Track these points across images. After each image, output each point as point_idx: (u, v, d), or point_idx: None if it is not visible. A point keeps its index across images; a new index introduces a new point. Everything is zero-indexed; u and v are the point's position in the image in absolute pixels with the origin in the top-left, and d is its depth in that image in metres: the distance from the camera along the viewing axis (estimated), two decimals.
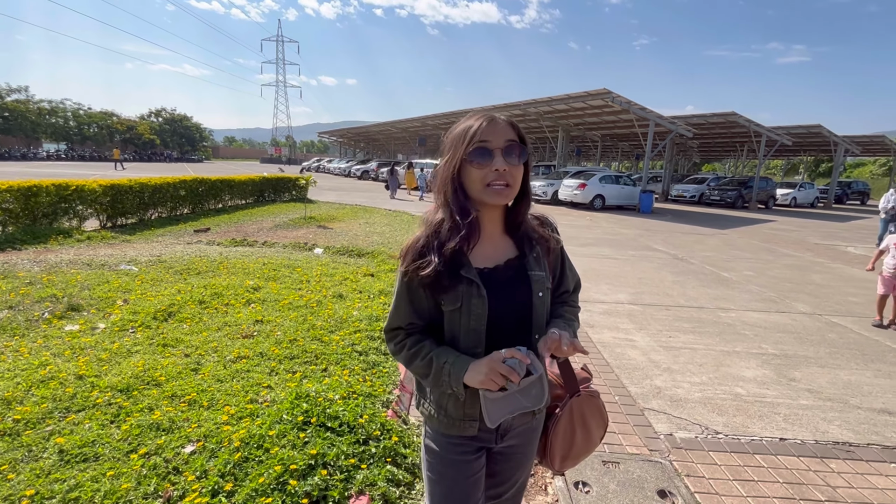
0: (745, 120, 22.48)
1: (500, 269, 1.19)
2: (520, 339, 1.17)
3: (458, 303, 1.13)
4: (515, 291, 1.18)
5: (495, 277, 1.17)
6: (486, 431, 1.22)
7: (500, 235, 1.22)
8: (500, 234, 1.22)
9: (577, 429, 1.33)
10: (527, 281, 1.19)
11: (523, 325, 1.19)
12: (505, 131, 1.10)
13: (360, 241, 8.58)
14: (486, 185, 1.09)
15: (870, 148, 33.38)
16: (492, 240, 1.21)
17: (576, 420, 1.32)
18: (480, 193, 1.11)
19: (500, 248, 1.21)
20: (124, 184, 9.26)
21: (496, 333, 1.16)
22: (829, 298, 6.47)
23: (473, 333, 1.14)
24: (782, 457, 2.76)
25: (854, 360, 4.26)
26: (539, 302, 1.19)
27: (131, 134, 70.46)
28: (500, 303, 1.15)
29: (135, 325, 3.76)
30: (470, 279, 1.13)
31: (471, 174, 1.10)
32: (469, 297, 1.13)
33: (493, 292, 1.14)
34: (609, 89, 18.09)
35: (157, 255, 6.36)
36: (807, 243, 12.08)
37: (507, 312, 1.16)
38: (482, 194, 1.10)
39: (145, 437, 2.35)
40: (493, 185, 1.09)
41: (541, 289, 1.19)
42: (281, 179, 16.12)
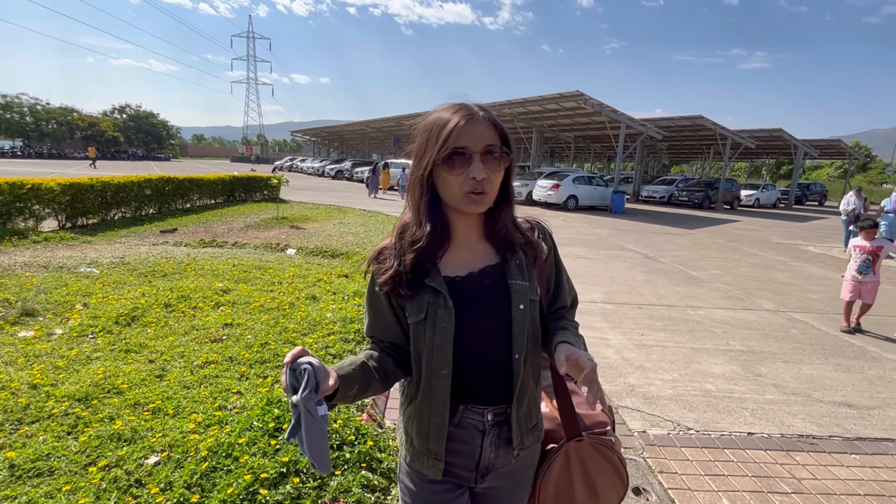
0: (711, 123, 23.19)
1: (473, 277, 1.03)
2: (497, 359, 1.03)
3: (421, 314, 0.99)
4: (491, 302, 1.02)
5: (466, 286, 1.02)
6: (464, 469, 1.07)
7: (477, 240, 1.07)
8: (479, 239, 1.07)
9: (577, 483, 1.12)
10: (506, 290, 1.02)
11: (501, 343, 1.02)
12: (486, 132, 0.95)
13: (334, 241, 8.45)
14: (464, 194, 0.95)
15: (827, 151, 34.93)
16: (468, 245, 1.06)
17: (574, 471, 1.11)
18: (456, 201, 0.97)
19: (477, 254, 1.06)
20: (85, 182, 8.87)
21: (467, 352, 1.01)
22: (791, 296, 6.71)
23: (438, 351, 0.99)
24: (750, 451, 2.83)
25: (816, 356, 4.42)
26: (520, 315, 1.01)
27: (94, 131, 67.85)
28: (472, 316, 1.00)
29: (95, 330, 3.59)
30: (435, 289, 0.99)
31: (445, 180, 0.96)
32: (434, 308, 0.99)
33: (462, 303, 1.00)
34: (582, 91, 18.37)
35: (121, 257, 6.11)
36: (770, 243, 12.53)
37: (480, 327, 1.01)
38: (458, 202, 0.97)
39: (105, 449, 2.23)
40: (470, 195, 0.95)
41: (522, 300, 1.02)
42: (252, 179, 15.77)
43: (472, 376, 1.03)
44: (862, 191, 11.41)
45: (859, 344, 4.79)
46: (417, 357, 1.03)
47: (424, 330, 1.00)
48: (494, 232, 1.05)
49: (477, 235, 1.07)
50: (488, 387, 1.04)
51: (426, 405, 1.03)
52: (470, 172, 0.93)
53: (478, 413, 1.04)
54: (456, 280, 1.02)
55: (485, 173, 0.93)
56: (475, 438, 1.05)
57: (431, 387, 1.01)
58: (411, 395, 1.08)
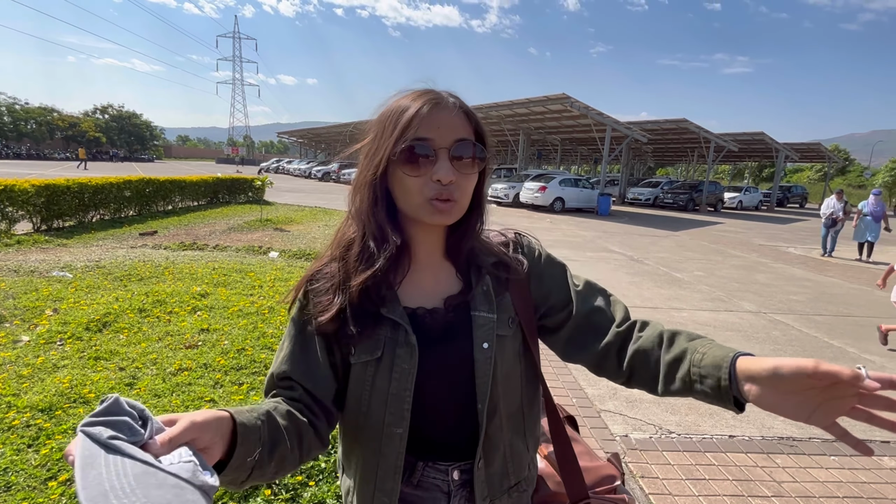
0: (695, 126, 23.50)
1: (439, 311, 0.83)
2: (463, 408, 0.82)
3: (377, 351, 0.78)
4: (452, 340, 0.82)
5: (432, 322, 0.82)
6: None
7: (440, 261, 0.86)
8: (441, 259, 0.87)
9: None
10: (468, 325, 0.82)
11: (466, 389, 0.81)
12: (456, 123, 0.75)
13: (318, 243, 8.35)
14: (427, 200, 0.75)
15: (807, 154, 35.62)
16: (430, 267, 0.85)
17: None
18: (416, 210, 0.77)
19: (440, 279, 0.86)
20: (61, 184, 8.65)
21: (429, 400, 0.80)
22: (772, 297, 6.78)
23: (393, 402, 0.77)
24: (731, 454, 2.82)
25: (796, 357, 4.44)
26: (483, 356, 0.80)
27: (74, 131, 66.57)
28: (432, 358, 0.80)
29: (64, 336, 3.47)
30: (394, 321, 0.79)
31: (403, 182, 0.75)
32: (392, 346, 0.78)
33: (425, 343, 0.79)
34: (568, 94, 18.48)
35: (96, 260, 5.95)
36: (752, 244, 12.70)
37: (439, 372, 0.81)
38: (418, 211, 0.76)
39: (67, 462, 2.14)
40: (434, 202, 0.75)
41: (486, 336, 0.81)
42: (236, 180, 15.55)
43: (433, 427, 0.83)
44: (844, 193, 11.34)
45: (839, 345, 4.85)
46: (357, 409, 0.80)
47: (375, 373, 0.78)
48: (457, 249, 0.85)
49: (440, 254, 0.86)
50: (454, 440, 0.84)
51: (370, 472, 0.80)
52: (434, 173, 0.73)
53: (441, 471, 0.84)
54: (418, 312, 0.82)
55: (452, 175, 0.73)
56: (439, 502, 0.85)
57: (380, 451, 0.79)
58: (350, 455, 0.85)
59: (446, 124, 0.74)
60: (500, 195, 20.53)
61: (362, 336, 0.78)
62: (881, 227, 10.63)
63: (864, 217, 10.51)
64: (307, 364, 0.79)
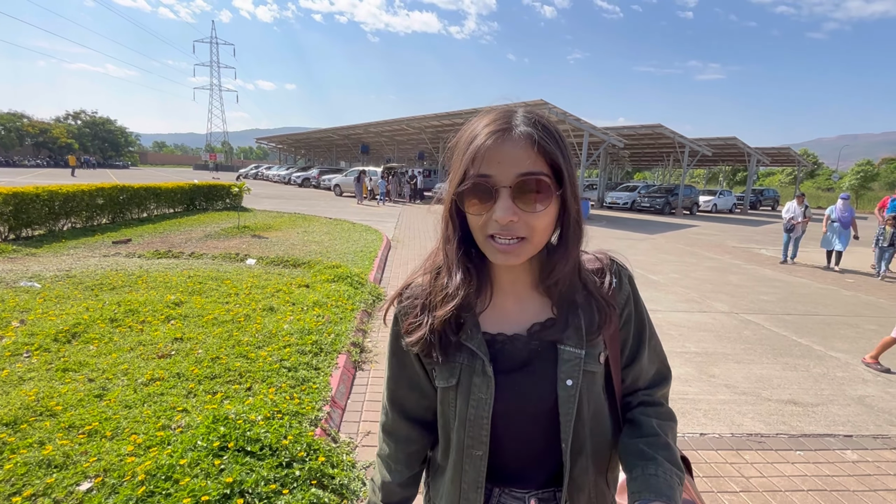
0: (670, 131, 24.01)
1: (520, 338, 0.81)
2: (543, 443, 0.81)
3: (453, 379, 0.80)
4: (534, 373, 0.80)
5: (512, 350, 0.80)
6: None
7: (527, 289, 0.83)
8: (529, 288, 0.83)
9: None
10: (553, 359, 0.79)
11: (547, 424, 0.80)
12: (520, 156, 0.69)
13: (296, 250, 8.28)
14: (488, 237, 0.72)
15: (777, 158, 36.69)
16: (514, 294, 0.83)
17: None
18: (483, 247, 0.75)
19: (526, 306, 0.82)
20: (30, 192, 8.41)
21: (508, 430, 0.80)
22: (744, 297, 6.96)
23: (472, 426, 0.79)
24: (703, 451, 2.89)
25: (766, 355, 4.58)
26: (567, 395, 0.78)
27: (45, 137, 64.75)
28: (516, 388, 0.79)
29: (31, 348, 3.37)
30: (471, 350, 0.79)
31: (468, 219, 0.74)
32: (469, 374, 0.79)
33: (504, 371, 0.79)
34: (546, 100, 18.71)
35: (66, 270, 5.80)
36: (726, 246, 13.01)
37: (518, 402, 0.79)
38: (484, 249, 0.74)
39: (33, 477, 2.08)
40: (497, 241, 0.71)
41: (572, 373, 0.78)
42: (214, 187, 15.32)
43: (511, 456, 0.83)
44: (805, 198, 10.61)
45: (806, 343, 5.00)
46: (446, 427, 0.84)
47: (455, 398, 0.80)
48: (548, 284, 0.80)
49: (527, 283, 0.83)
50: (534, 471, 0.84)
51: (455, 487, 0.83)
52: (493, 213, 0.69)
53: (517, 498, 0.84)
54: (498, 339, 0.81)
55: (512, 215, 0.68)
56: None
57: (462, 468, 0.81)
58: (439, 464, 0.90)
59: (509, 159, 0.69)
60: None
61: (442, 361, 0.80)
62: (850, 234, 9.72)
63: (832, 223, 9.69)
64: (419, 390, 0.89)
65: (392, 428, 0.93)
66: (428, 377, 0.87)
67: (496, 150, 0.69)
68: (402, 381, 0.90)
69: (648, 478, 0.75)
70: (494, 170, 0.69)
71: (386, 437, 0.94)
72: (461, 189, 0.71)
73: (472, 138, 0.72)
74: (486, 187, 0.69)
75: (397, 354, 0.88)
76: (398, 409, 0.92)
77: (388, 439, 0.93)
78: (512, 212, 0.68)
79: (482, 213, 0.71)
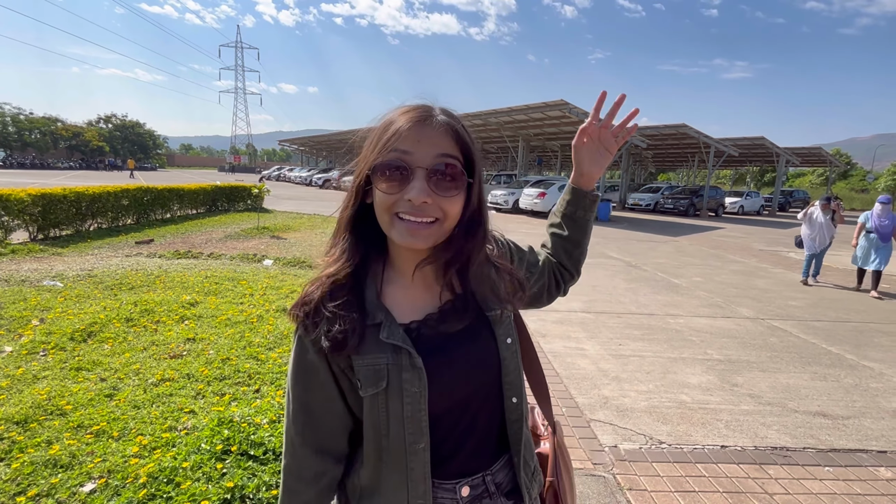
0: (694, 131, 23.46)
1: (434, 319, 0.79)
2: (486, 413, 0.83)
3: (382, 382, 0.75)
4: (468, 347, 0.80)
5: (430, 332, 0.79)
6: None
7: (434, 275, 0.82)
8: (436, 274, 0.82)
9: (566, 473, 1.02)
10: (484, 326, 0.81)
11: (489, 393, 0.82)
12: (440, 140, 0.71)
13: (314, 251, 8.32)
14: (395, 216, 0.72)
15: (808, 159, 35.51)
16: (423, 279, 0.82)
17: (568, 460, 1.05)
18: (387, 227, 0.73)
19: (434, 288, 0.82)
20: (58, 193, 8.66)
21: (443, 414, 0.79)
22: (771, 303, 6.70)
23: (410, 422, 0.76)
24: (723, 465, 2.75)
25: (793, 364, 4.38)
26: (509, 353, 0.82)
27: (78, 141, 67.05)
28: (446, 370, 0.77)
29: (47, 347, 3.43)
30: (394, 345, 0.75)
31: (377, 198, 0.73)
32: (398, 372, 0.75)
33: (429, 356, 0.76)
34: (566, 100, 18.48)
35: (88, 270, 5.93)
36: (752, 249, 12.61)
37: (457, 382, 0.79)
38: (388, 229, 0.73)
39: (38, 476, 2.09)
40: (407, 220, 0.71)
41: (508, 332, 0.82)
42: (235, 188, 15.58)
43: (439, 442, 0.80)
44: (832, 201, 8.21)
45: (836, 351, 4.77)
46: (376, 436, 0.78)
47: (386, 400, 0.76)
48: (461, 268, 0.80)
49: (433, 269, 0.81)
50: (462, 453, 0.82)
51: (401, 490, 0.78)
52: (406, 192, 0.70)
53: (447, 490, 0.81)
54: (412, 327, 0.79)
55: (427, 196, 0.69)
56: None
57: (407, 467, 0.78)
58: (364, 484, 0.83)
59: (428, 141, 0.71)
60: (500, 202, 20.50)
61: (363, 367, 0.75)
62: (891, 247, 7.40)
63: (867, 234, 7.45)
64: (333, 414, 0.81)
65: (300, 467, 0.82)
66: (341, 394, 0.80)
67: (416, 131, 0.71)
68: (313, 406, 0.81)
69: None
70: (413, 148, 0.70)
71: (293, 481, 0.83)
72: (377, 161, 0.71)
73: (389, 122, 0.73)
74: (403, 165, 0.70)
75: (307, 375, 0.79)
76: (310, 443, 0.81)
77: (296, 484, 0.83)
78: (426, 193, 0.70)
79: (393, 191, 0.71)
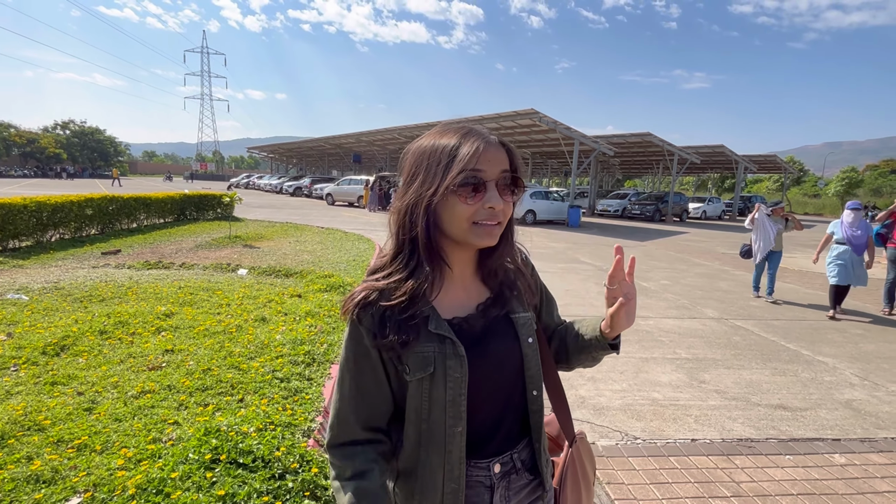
0: (658, 140, 24.33)
1: (472, 317, 0.94)
2: (509, 402, 0.96)
3: (430, 367, 0.87)
4: (498, 341, 0.94)
5: (469, 329, 0.93)
6: None
7: (471, 277, 0.99)
8: (472, 276, 0.99)
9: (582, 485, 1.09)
10: (510, 326, 0.96)
11: (514, 383, 0.96)
12: (500, 158, 0.87)
13: (288, 260, 8.25)
14: (473, 223, 0.86)
15: (764, 166, 37.25)
16: (462, 283, 0.97)
17: (579, 473, 1.09)
18: (465, 233, 0.87)
19: (471, 291, 0.98)
20: (17, 203, 8.32)
21: (480, 401, 0.91)
22: (733, 304, 7.04)
23: (452, 407, 0.87)
24: (693, 457, 2.92)
25: (755, 360, 4.63)
26: (530, 351, 0.96)
27: (33, 147, 64.11)
28: (482, 361, 0.91)
29: (18, 362, 3.33)
30: (442, 335, 0.88)
31: (455, 209, 0.85)
32: (444, 359, 0.87)
33: (469, 348, 0.90)
34: (536, 109, 18.91)
35: (55, 282, 5.74)
36: (715, 253, 13.16)
37: (491, 372, 0.92)
38: (467, 234, 0.87)
39: (20, 493, 2.05)
40: (484, 224, 0.86)
41: (529, 333, 0.97)
42: (205, 197, 15.24)
43: (479, 426, 0.93)
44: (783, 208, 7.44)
45: (794, 348, 5.07)
46: (417, 420, 0.89)
47: (430, 386, 0.87)
48: (492, 269, 0.98)
49: (471, 272, 0.99)
50: (497, 435, 0.96)
51: (438, 471, 0.89)
52: (486, 201, 0.85)
53: (482, 468, 0.94)
54: (454, 322, 0.92)
55: (502, 203, 0.86)
56: (483, 497, 0.94)
57: (445, 449, 0.88)
58: (402, 468, 0.94)
59: (494, 160, 0.86)
60: None
61: (413, 355, 0.87)
62: (864, 260, 6.27)
63: (839, 245, 6.32)
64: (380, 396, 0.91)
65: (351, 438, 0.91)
66: (388, 379, 0.91)
67: (485, 153, 0.85)
68: (365, 388, 0.90)
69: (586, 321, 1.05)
70: (485, 167, 0.85)
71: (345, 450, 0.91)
72: (459, 180, 0.83)
73: (451, 148, 0.85)
74: (481, 180, 0.85)
75: (361, 360, 0.90)
76: (361, 420, 0.91)
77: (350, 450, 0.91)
78: (500, 200, 0.86)
79: (475, 203, 0.85)
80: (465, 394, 0.88)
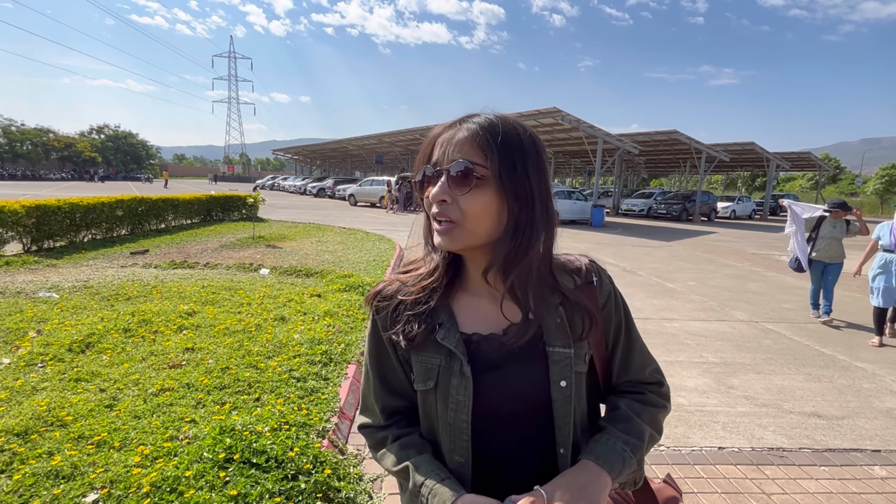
0: (685, 137, 23.73)
1: (496, 338, 0.79)
2: (536, 447, 0.79)
3: (431, 381, 0.78)
4: (521, 374, 0.77)
5: (488, 350, 0.78)
6: None
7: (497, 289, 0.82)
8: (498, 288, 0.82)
9: None
10: (542, 360, 0.77)
11: (539, 427, 0.78)
12: (461, 143, 0.72)
13: (309, 260, 8.33)
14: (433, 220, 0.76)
15: (798, 163, 35.98)
16: (492, 296, 0.81)
17: None
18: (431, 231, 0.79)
19: (505, 308, 0.80)
20: (52, 204, 8.63)
21: (492, 435, 0.78)
22: (764, 306, 6.77)
23: (452, 430, 0.77)
24: (720, 466, 2.79)
25: (787, 366, 4.43)
26: (561, 397, 0.77)
27: (70, 151, 66.76)
28: (496, 390, 0.76)
29: (45, 358, 3.42)
30: (449, 350, 0.77)
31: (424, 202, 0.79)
32: (447, 376, 0.77)
33: (483, 371, 0.77)
34: (559, 108, 18.67)
35: (84, 281, 5.91)
36: (745, 253, 12.74)
37: (508, 405, 0.77)
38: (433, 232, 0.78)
39: (40, 488, 2.09)
40: (434, 223, 0.75)
41: (564, 375, 0.77)
42: (230, 198, 15.56)
43: (498, 463, 0.79)
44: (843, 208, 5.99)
45: (829, 353, 4.83)
46: (429, 431, 0.82)
47: (435, 402, 0.79)
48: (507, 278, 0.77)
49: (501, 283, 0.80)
50: (524, 477, 0.79)
51: None
52: (432, 195, 0.73)
53: None
54: (473, 339, 0.79)
55: (443, 195, 0.71)
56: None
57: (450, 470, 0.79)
58: None
59: (451, 145, 0.73)
60: None
61: (418, 362, 0.80)
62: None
63: (886, 254, 5.20)
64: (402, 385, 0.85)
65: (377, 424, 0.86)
66: (407, 378, 0.84)
67: (443, 138, 0.75)
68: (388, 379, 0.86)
69: (592, 444, 0.77)
70: (438, 155, 0.74)
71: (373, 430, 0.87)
72: (416, 178, 0.77)
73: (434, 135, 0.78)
74: (431, 170, 0.75)
75: (380, 353, 0.86)
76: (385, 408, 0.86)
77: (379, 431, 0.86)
78: (443, 192, 0.72)
79: (426, 197, 0.76)
80: (469, 420, 0.76)
